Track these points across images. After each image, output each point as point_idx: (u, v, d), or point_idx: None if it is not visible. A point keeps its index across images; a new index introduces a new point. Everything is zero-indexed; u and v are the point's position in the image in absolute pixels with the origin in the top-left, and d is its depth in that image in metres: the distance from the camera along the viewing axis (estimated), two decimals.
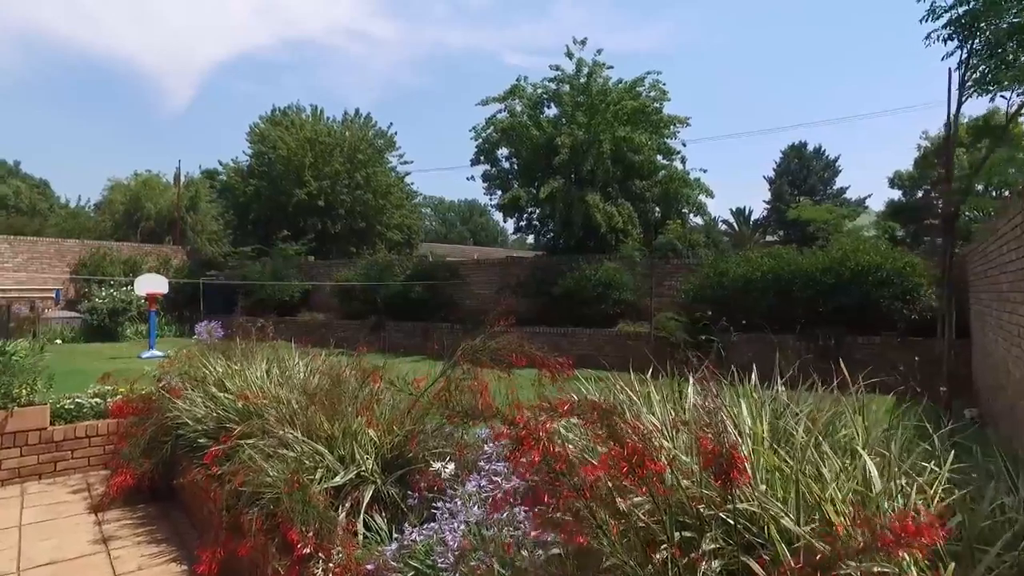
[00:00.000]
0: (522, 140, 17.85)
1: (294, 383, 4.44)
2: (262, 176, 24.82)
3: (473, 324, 16.48)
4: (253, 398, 4.28)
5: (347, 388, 3.92)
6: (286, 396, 4.08)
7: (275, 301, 19.94)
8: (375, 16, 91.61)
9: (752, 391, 2.98)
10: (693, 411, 2.84)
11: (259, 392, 4.37)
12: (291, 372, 4.84)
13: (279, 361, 5.22)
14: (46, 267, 21.97)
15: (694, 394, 3.17)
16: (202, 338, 4.52)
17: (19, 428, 5.85)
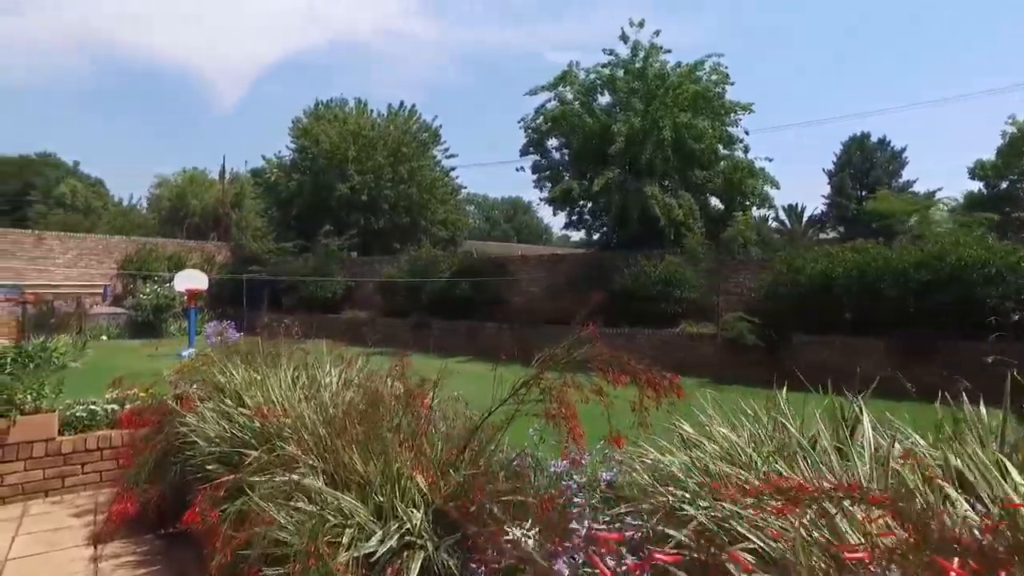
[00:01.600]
0: (574, 129, 16.87)
1: (323, 399, 3.59)
2: (305, 171, 24.41)
3: (522, 324, 15.61)
4: (272, 416, 3.45)
5: (387, 409, 3.02)
6: (311, 417, 3.23)
7: (318, 298, 19.42)
8: (417, 16, 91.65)
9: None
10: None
11: (281, 409, 3.54)
12: (322, 382, 4.00)
13: (308, 368, 4.39)
14: (94, 263, 21.98)
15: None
16: (211, 341, 3.73)
17: (23, 439, 5.17)
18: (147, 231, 27.93)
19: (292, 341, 5.15)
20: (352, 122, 24.40)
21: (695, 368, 12.40)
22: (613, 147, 15.05)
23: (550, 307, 16.26)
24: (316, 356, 4.76)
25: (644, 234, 15.38)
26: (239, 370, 4.17)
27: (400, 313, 17.69)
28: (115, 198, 42.17)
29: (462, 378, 4.69)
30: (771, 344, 11.70)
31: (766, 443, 2.51)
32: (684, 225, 15.04)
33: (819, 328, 11.62)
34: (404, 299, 17.19)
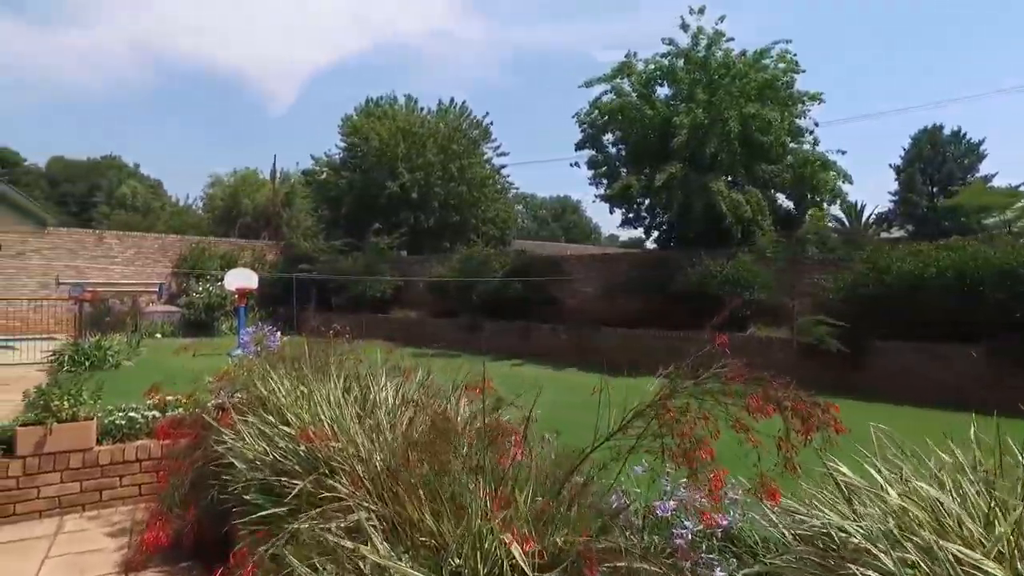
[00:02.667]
0: (632, 122, 16.10)
1: (379, 420, 3.04)
2: (354, 169, 24.24)
3: (578, 325, 14.94)
4: (320, 440, 2.91)
5: (459, 440, 2.44)
6: (367, 445, 2.68)
7: (367, 298, 19.15)
8: (465, 17, 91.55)
9: None
10: None
11: (330, 431, 3.00)
12: (376, 398, 3.45)
13: (360, 380, 3.86)
14: (150, 262, 22.28)
15: None
16: (247, 351, 3.21)
17: (60, 448, 4.81)
18: (201, 231, 28.34)
19: (342, 345, 4.64)
20: (402, 119, 24.11)
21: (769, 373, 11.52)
22: (676, 140, 14.24)
23: (607, 308, 15.55)
24: (369, 364, 4.24)
25: (708, 232, 14.51)
26: (283, 381, 3.66)
27: (450, 313, 17.24)
28: (172, 198, 43.25)
29: (517, 381, 4.10)
30: (853, 350, 10.76)
31: (985, 499, 1.82)
32: (752, 222, 14.12)
33: (904, 333, 10.63)
34: (455, 299, 16.73)
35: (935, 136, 34.69)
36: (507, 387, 4.05)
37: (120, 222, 31.64)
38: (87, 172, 49.00)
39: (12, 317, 17.37)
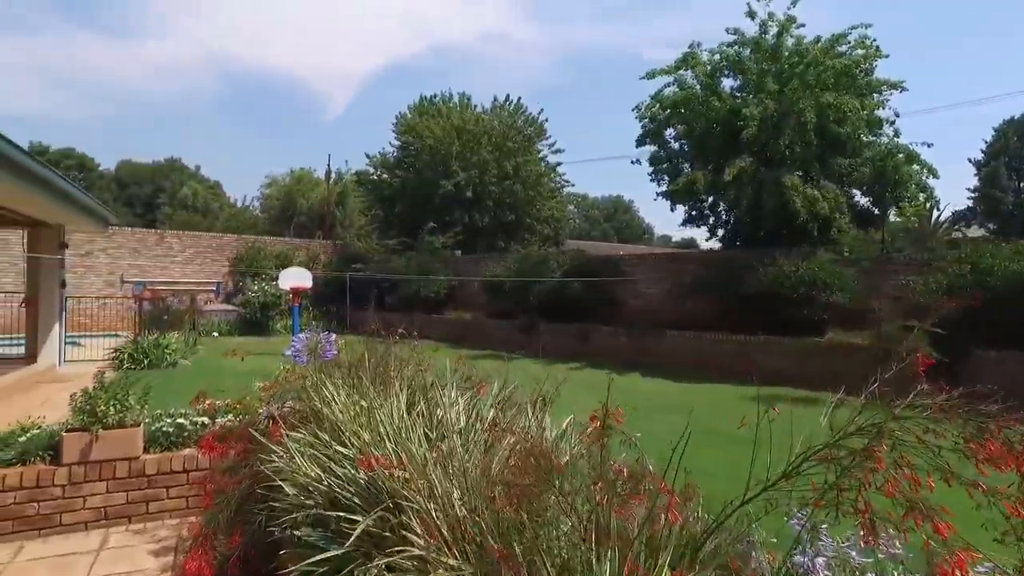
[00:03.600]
0: (697, 115, 15.32)
1: (454, 446, 2.55)
2: (408, 168, 24.05)
3: (640, 328, 14.26)
4: (385, 467, 2.44)
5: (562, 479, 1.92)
6: (443, 484, 2.19)
7: (420, 297, 18.87)
8: (516, 18, 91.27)
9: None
10: None
11: (394, 456, 2.53)
12: (446, 416, 2.97)
13: (426, 392, 3.38)
14: (208, 261, 22.60)
15: None
16: (299, 361, 2.76)
17: (105, 456, 4.52)
18: (257, 230, 28.72)
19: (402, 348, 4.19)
20: (456, 117, 23.80)
21: (846, 385, 10.64)
22: (745, 132, 13.42)
23: (670, 310, 14.82)
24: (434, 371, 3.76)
25: (779, 231, 13.63)
26: (339, 392, 3.21)
27: (506, 314, 16.79)
28: (230, 199, 44.26)
29: (570, 377, 3.59)
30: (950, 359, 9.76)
31: None
32: (829, 220, 13.18)
33: (1009, 341, 9.61)
34: (511, 299, 16.26)
35: (1023, 127, 32.41)
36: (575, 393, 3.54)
37: (181, 222, 32.42)
38: (152, 175, 50.70)
39: (81, 314, 17.75)
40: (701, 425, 7.38)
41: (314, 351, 2.48)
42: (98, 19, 78.72)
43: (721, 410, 8.78)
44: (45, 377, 10.85)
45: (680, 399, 9.71)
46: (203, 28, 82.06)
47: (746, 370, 12.16)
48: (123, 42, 79.87)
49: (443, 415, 3.01)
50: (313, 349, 2.48)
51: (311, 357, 2.50)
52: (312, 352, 2.49)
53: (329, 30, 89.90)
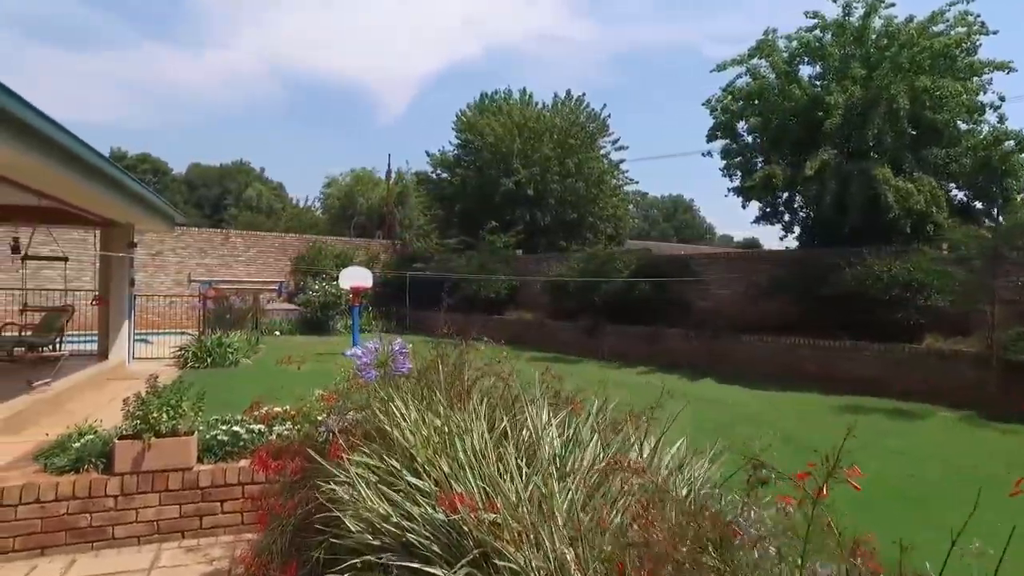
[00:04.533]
0: (772, 106, 14.40)
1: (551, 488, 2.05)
2: (468, 166, 23.73)
3: (712, 331, 13.47)
4: (470, 508, 1.96)
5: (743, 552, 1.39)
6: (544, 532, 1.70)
7: (481, 298, 18.50)
8: (572, 18, 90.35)
9: None
10: None
11: (481, 496, 2.05)
12: (538, 441, 2.47)
13: (508, 407, 2.90)
14: (271, 261, 22.88)
15: None
16: (366, 377, 2.29)
17: (158, 466, 4.22)
18: (318, 230, 29.03)
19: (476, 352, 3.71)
20: (517, 113, 23.33)
21: (949, 397, 9.68)
22: (829, 122, 12.46)
23: (744, 312, 13.96)
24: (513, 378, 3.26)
25: (865, 228, 12.59)
26: (408, 408, 2.75)
27: (569, 315, 16.23)
28: (293, 200, 45.16)
29: (641, 383, 3.06)
30: None
31: None
32: (925, 215, 12.07)
33: None
34: (574, 300, 15.68)
35: None
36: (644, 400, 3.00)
37: (246, 223, 33.13)
38: (219, 177, 52.34)
39: (151, 312, 18.16)
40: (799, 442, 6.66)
41: (384, 365, 2.02)
42: (172, 33, 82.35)
43: (814, 423, 8.01)
44: (115, 374, 10.95)
45: (764, 410, 8.96)
46: (266, 37, 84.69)
47: (829, 377, 11.26)
48: (194, 53, 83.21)
49: (532, 437, 2.51)
50: (383, 362, 2.02)
51: (380, 371, 2.05)
52: (381, 366, 2.03)
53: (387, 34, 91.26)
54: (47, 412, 7.68)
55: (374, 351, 2.11)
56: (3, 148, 4.44)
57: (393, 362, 2.09)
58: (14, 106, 4.29)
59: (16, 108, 4.33)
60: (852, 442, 1.66)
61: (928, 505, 4.97)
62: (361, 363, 2.11)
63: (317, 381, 4.50)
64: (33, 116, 4.64)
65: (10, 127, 4.41)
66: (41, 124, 4.85)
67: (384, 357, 2.11)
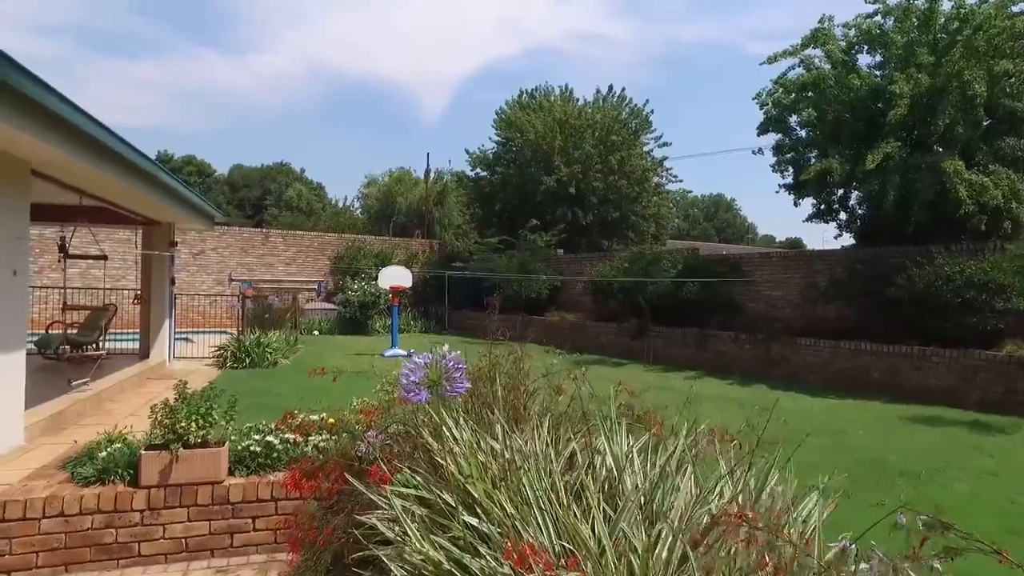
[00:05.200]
0: (828, 98, 13.65)
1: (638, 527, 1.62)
2: (509, 164, 23.30)
3: (766, 335, 12.81)
4: (544, 566, 1.55)
5: None
6: None
7: (521, 298, 18.10)
8: (609, 17, 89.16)
9: None
10: None
11: (550, 548, 1.64)
12: (620, 470, 2.04)
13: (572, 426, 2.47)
14: (310, 260, 22.87)
15: None
16: (416, 399, 1.88)
17: (187, 479, 3.92)
18: (357, 230, 29.03)
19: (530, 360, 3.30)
20: (558, 110, 22.83)
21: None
22: (892, 113, 11.70)
23: (799, 315, 13.28)
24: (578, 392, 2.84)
25: (933, 225, 11.79)
26: (460, 429, 2.35)
27: (613, 317, 15.71)
28: (332, 200, 45.45)
29: (686, 387, 2.68)
30: None
31: None
32: (1001, 211, 11.23)
33: None
34: (618, 301, 15.16)
35: None
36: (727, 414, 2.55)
37: (286, 223, 33.33)
38: (261, 178, 53.07)
39: (193, 311, 18.28)
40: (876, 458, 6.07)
41: (437, 384, 1.63)
42: (218, 39, 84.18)
43: (887, 436, 7.37)
44: (155, 373, 10.90)
45: (830, 420, 8.33)
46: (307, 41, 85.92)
47: (895, 385, 10.54)
48: (237, 58, 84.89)
49: (610, 468, 2.09)
50: (436, 381, 1.64)
51: (433, 392, 1.66)
52: (434, 385, 1.64)
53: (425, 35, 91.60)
54: (87, 412, 7.60)
55: (424, 367, 1.72)
56: (52, 148, 4.82)
57: (448, 381, 1.70)
58: (70, 114, 4.78)
59: (66, 111, 4.74)
60: (937, 460, 1.19)
61: None
62: (408, 382, 1.72)
63: (356, 385, 4.17)
64: (85, 120, 5.05)
65: (60, 129, 4.82)
66: (81, 121, 5.11)
67: (436, 375, 1.72)
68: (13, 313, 5.93)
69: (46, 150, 5.29)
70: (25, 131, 4.61)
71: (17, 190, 5.96)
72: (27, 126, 4.58)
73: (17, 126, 4.55)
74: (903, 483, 5.10)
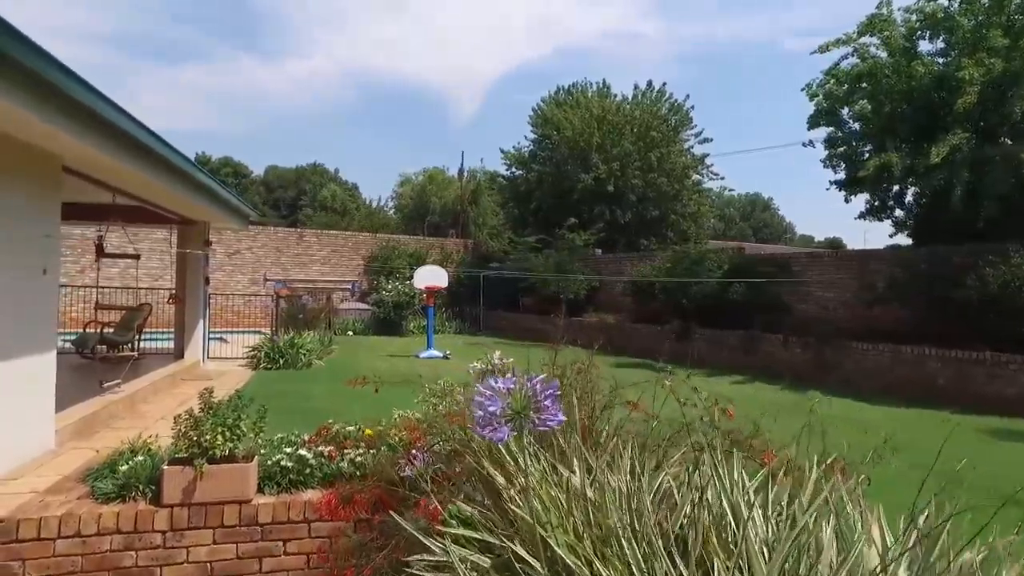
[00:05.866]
0: (885, 87, 12.91)
1: None
2: (545, 162, 22.81)
3: (817, 338, 12.14)
4: None
5: None
6: None
7: (557, 299, 17.64)
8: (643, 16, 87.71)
9: None
10: None
11: None
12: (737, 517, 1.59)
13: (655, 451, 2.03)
14: (344, 260, 22.74)
15: None
16: (496, 437, 1.44)
17: (212, 498, 3.57)
18: (391, 229, 28.90)
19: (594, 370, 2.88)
20: (596, 106, 22.25)
21: None
22: (960, 102, 10.95)
23: (852, 318, 12.57)
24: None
25: (1007, 220, 11.00)
26: (535, 461, 1.92)
27: (654, 319, 15.15)
28: (366, 200, 45.56)
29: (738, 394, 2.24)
30: None
31: None
32: None
33: None
34: (660, 302, 14.59)
35: None
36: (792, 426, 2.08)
37: (321, 223, 33.42)
38: (295, 179, 53.51)
39: (228, 311, 18.25)
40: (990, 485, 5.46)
41: (521, 415, 1.23)
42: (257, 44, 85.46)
43: (969, 451, 6.71)
44: (189, 374, 10.75)
45: (899, 432, 7.68)
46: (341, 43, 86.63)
47: (965, 394, 9.80)
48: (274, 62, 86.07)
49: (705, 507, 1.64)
50: (521, 411, 1.23)
51: (516, 426, 1.25)
52: (518, 418, 1.23)
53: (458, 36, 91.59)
54: (120, 414, 7.42)
55: (505, 393, 1.29)
56: (82, 143, 4.73)
57: (536, 411, 1.28)
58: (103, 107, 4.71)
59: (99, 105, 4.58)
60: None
61: None
62: (484, 413, 1.30)
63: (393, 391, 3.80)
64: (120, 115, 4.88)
65: (91, 123, 4.76)
66: (115, 116, 4.96)
67: (522, 403, 1.30)
68: (43, 314, 5.71)
69: (77, 145, 5.08)
70: (53, 124, 4.37)
71: (47, 186, 5.74)
72: (54, 118, 4.35)
73: (46, 118, 4.32)
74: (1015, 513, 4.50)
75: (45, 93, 4.16)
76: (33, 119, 4.27)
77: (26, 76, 3.79)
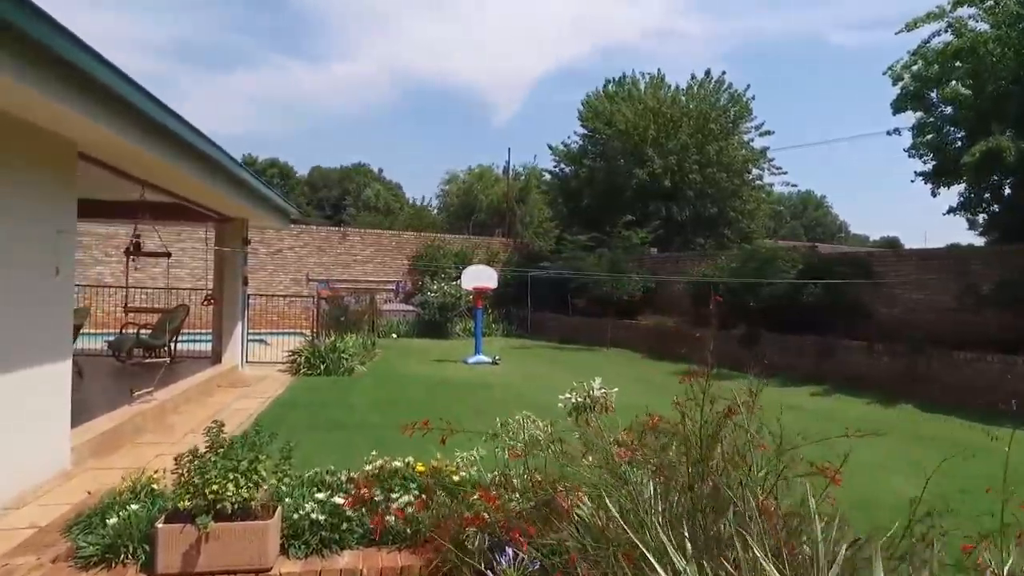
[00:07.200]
0: (988, 66, 11.53)
1: None
2: (596, 157, 21.72)
3: (907, 345, 10.85)
4: None
5: None
6: None
7: (611, 300, 16.64)
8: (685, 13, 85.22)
9: None
10: None
11: None
12: None
13: None
14: (388, 259, 22.15)
15: None
16: None
17: (221, 566, 2.76)
18: (436, 228, 28.28)
19: None
20: (650, 97, 21.05)
21: None
22: None
23: (944, 323, 11.22)
24: None
25: None
26: None
27: (718, 322, 14.02)
28: (410, 199, 45.20)
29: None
30: None
31: None
32: None
33: None
34: (724, 304, 13.44)
35: None
36: None
37: (365, 222, 33.05)
38: (340, 179, 53.63)
39: (270, 311, 17.80)
40: None
41: None
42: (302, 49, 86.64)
43: None
44: (225, 380, 10.19)
45: None
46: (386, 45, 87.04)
47: None
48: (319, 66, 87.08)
49: None
50: None
51: None
52: None
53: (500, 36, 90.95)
54: (147, 427, 6.83)
55: None
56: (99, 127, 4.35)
57: None
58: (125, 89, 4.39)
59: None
60: None
61: None
62: None
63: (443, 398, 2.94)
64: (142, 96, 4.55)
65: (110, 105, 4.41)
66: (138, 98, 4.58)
67: None
68: (56, 319, 5.07)
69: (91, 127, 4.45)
70: (64, 102, 3.79)
71: (60, 176, 5.09)
72: (59, 92, 3.72)
73: (55, 96, 3.69)
74: None
75: (46, 62, 3.49)
76: (34, 94, 3.60)
77: (26, 45, 3.20)
